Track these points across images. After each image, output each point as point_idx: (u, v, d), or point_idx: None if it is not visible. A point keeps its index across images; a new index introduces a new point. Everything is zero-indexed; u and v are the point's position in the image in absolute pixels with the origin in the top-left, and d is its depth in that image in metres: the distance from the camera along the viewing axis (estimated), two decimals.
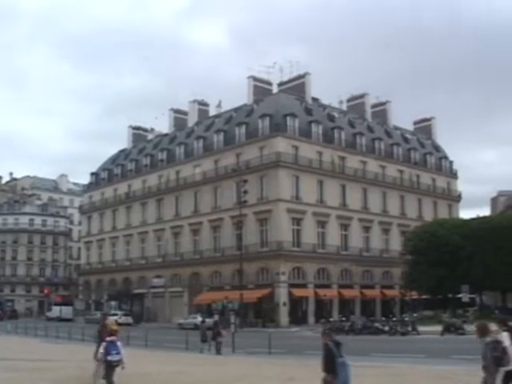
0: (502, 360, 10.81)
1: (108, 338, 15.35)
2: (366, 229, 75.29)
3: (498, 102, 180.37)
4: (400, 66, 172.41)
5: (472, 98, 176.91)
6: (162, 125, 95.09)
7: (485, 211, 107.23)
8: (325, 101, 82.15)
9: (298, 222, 67.88)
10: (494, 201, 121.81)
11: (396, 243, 75.74)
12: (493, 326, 11.90)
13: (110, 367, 15.18)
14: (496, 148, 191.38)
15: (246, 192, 59.41)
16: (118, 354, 14.98)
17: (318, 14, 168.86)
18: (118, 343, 15.23)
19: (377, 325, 47.13)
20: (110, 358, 14.94)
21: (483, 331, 11.47)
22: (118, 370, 15.16)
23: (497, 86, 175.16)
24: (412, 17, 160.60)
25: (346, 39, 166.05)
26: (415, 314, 56.69)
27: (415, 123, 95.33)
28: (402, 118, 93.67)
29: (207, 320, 38.74)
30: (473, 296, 60.85)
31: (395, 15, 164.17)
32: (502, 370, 10.88)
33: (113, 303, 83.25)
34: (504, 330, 11.68)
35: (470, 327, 40.80)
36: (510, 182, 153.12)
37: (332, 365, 11.39)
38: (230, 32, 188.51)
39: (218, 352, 30.91)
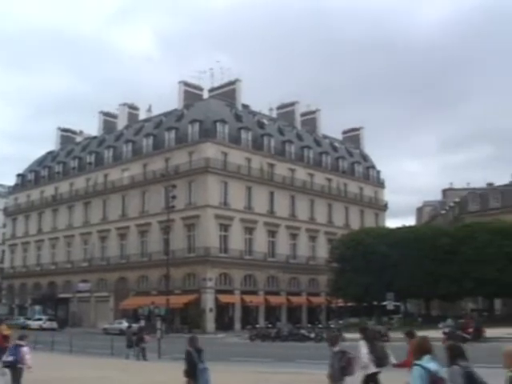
0: (347, 370, 11.87)
1: (16, 342, 16.08)
2: (294, 236, 75.68)
3: (422, 114, 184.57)
4: (330, 76, 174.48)
5: (399, 110, 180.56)
6: (91, 127, 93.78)
7: (410, 221, 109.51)
8: (255, 108, 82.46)
9: (225, 228, 67.78)
10: (419, 211, 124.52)
11: (323, 251, 76.30)
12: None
13: (14, 370, 15.83)
14: (421, 159, 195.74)
15: (174, 197, 58.85)
16: (13, 355, 15.63)
17: (247, 22, 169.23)
18: (24, 348, 15.85)
19: (303, 331, 47.24)
20: (4, 358, 15.86)
21: (333, 341, 12.57)
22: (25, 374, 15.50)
23: (422, 98, 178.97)
24: (341, 29, 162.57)
25: (276, 48, 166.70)
26: (341, 321, 57.14)
27: (344, 132, 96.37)
28: (331, 127, 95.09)
29: (133, 325, 38.14)
30: (398, 304, 61.80)
31: (325, 26, 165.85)
32: (350, 377, 12.01)
33: (37, 308, 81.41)
34: (361, 338, 12.70)
35: (395, 334, 41.49)
36: (435, 192, 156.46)
37: (193, 370, 12.34)
38: (158, 37, 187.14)
39: (144, 358, 30.47)
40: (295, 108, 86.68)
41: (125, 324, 50.38)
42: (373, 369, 12.40)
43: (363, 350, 12.36)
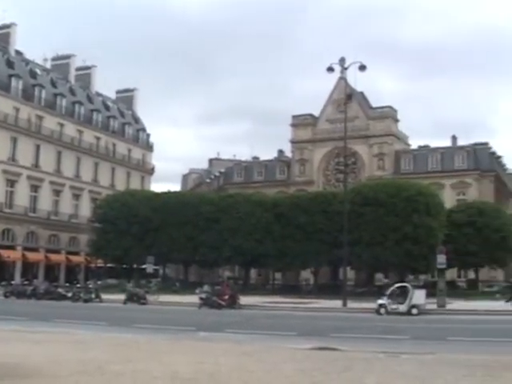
0: None
1: None
2: (57, 192, 73.94)
3: (192, 85, 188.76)
4: (110, 35, 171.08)
5: (171, 78, 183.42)
6: None
7: (176, 187, 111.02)
8: (29, 56, 78.62)
9: None
10: (185, 177, 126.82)
11: (86, 210, 75.47)
12: None
13: None
14: (188, 128, 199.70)
15: None
16: None
17: None
18: None
19: (60, 290, 46.66)
20: None
21: None
22: None
23: (193, 69, 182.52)
24: None
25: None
26: (100, 282, 57.01)
27: (118, 92, 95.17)
28: (106, 85, 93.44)
29: None
30: (157, 267, 62.82)
31: None
32: None
33: None
34: None
35: (153, 297, 42.38)
36: (201, 160, 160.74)
37: None
38: None
39: None
40: (70, 61, 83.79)
41: None
42: None
43: None
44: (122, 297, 42.07)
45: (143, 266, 57.37)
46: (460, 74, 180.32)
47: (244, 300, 38.90)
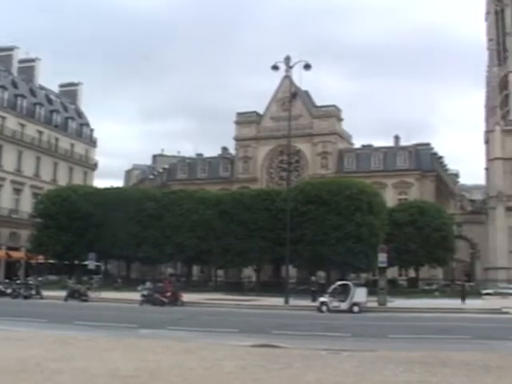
0: None
1: None
2: None
3: (136, 82, 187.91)
4: (57, 29, 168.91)
5: (115, 74, 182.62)
6: None
7: (120, 183, 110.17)
8: None
9: None
10: (128, 173, 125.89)
11: (27, 205, 74.11)
12: None
13: None
14: (132, 124, 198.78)
15: None
16: None
17: None
18: None
19: None
20: None
21: None
22: None
23: (137, 66, 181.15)
24: None
25: None
26: (40, 278, 56.00)
27: (61, 86, 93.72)
28: (50, 78, 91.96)
29: None
30: (99, 264, 62.13)
31: None
32: None
33: None
34: None
35: (94, 294, 41.98)
36: (146, 157, 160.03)
37: None
38: None
39: None
40: (13, 53, 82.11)
41: None
42: None
43: None
44: (63, 293, 41.55)
45: (85, 263, 56.78)
46: (402, 75, 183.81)
47: (186, 297, 38.85)
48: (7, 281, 51.41)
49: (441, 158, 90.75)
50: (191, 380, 10.88)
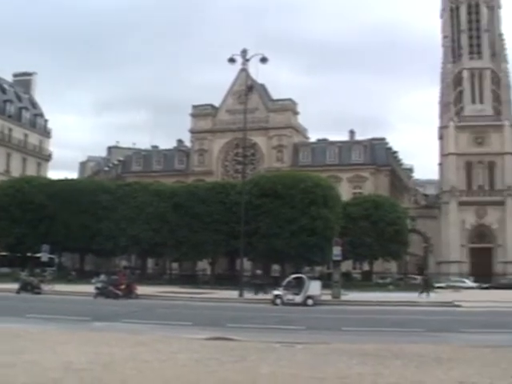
0: None
1: None
2: None
3: (90, 72, 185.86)
4: (10, 18, 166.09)
5: (70, 65, 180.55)
6: None
7: (74, 175, 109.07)
8: None
9: None
10: (82, 165, 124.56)
11: None
12: None
13: None
14: (87, 115, 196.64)
15: None
16: None
17: None
18: None
19: None
20: None
21: None
22: None
23: (90, 57, 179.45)
24: None
25: None
26: None
27: (15, 76, 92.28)
28: (3, 68, 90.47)
29: None
30: (52, 256, 61.29)
31: None
32: None
33: None
34: None
35: (47, 286, 41.50)
36: (101, 148, 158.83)
37: None
38: None
39: None
40: None
41: None
42: None
43: None
44: (16, 286, 41.00)
45: (38, 255, 55.98)
46: (361, 71, 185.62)
47: (141, 290, 38.66)
48: None
49: (395, 152, 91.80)
50: (146, 373, 10.85)
